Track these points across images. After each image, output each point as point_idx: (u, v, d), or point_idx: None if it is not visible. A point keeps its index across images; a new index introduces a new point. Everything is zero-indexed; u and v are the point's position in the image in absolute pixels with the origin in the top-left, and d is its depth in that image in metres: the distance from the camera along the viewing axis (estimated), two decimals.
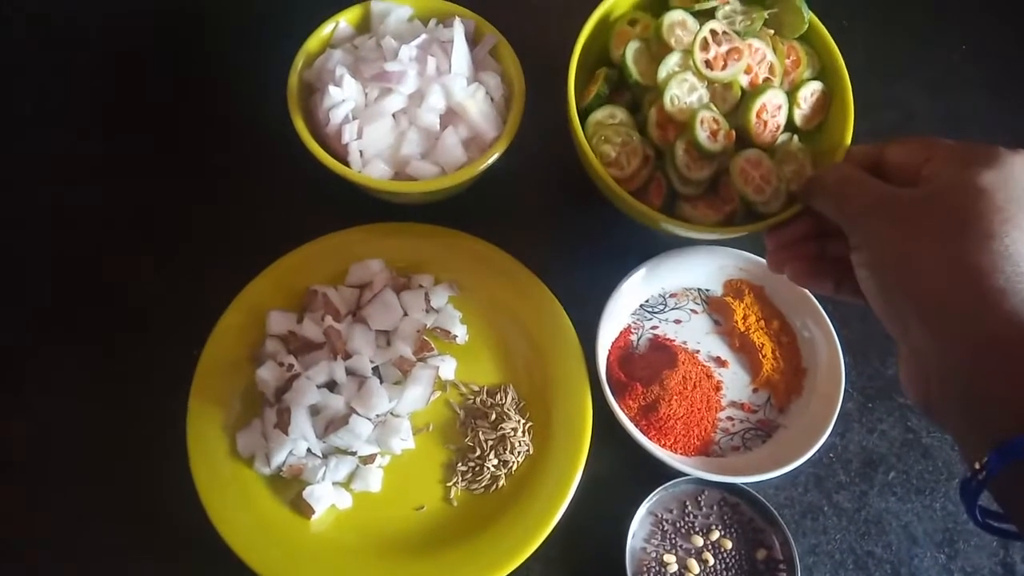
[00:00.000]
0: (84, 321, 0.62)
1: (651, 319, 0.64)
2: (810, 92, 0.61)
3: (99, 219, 0.66)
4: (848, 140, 0.59)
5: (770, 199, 0.55)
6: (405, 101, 0.59)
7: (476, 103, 0.59)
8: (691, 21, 0.59)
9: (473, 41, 0.63)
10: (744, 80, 0.58)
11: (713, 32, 0.57)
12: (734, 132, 0.57)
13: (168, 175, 0.68)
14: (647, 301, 0.65)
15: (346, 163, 0.59)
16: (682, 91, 0.57)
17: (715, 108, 0.57)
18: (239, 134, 0.69)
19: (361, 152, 0.59)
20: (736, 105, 0.58)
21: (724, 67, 0.57)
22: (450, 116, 0.60)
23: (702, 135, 0.55)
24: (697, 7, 0.60)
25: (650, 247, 0.62)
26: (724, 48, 0.57)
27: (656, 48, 0.59)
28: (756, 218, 0.56)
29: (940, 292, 0.34)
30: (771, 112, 0.57)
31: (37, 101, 0.71)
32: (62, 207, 0.66)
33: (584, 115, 0.60)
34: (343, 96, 0.58)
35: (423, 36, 0.60)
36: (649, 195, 0.58)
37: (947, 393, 0.35)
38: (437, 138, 0.60)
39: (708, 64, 0.57)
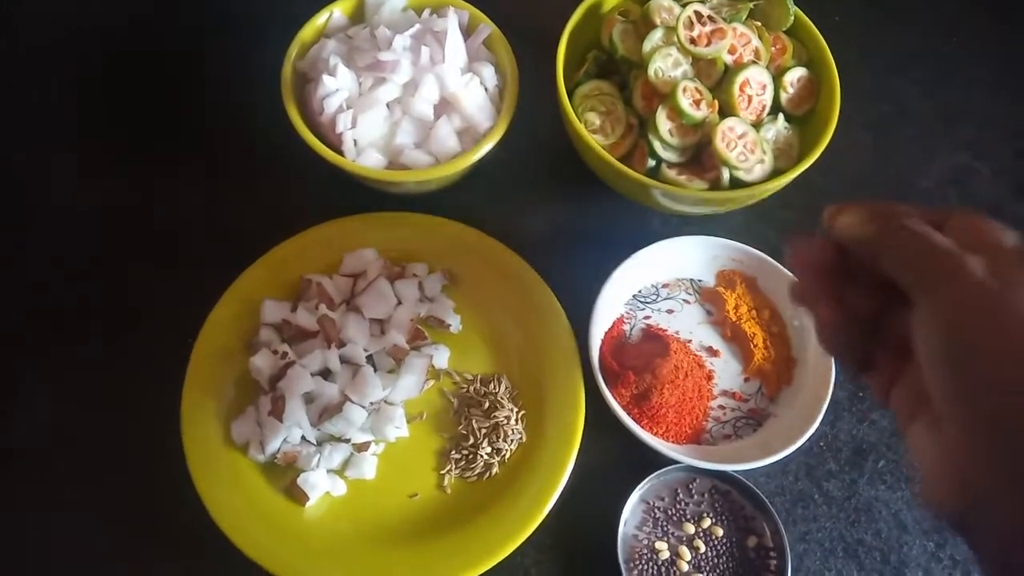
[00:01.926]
0: (79, 312, 0.62)
1: (644, 309, 0.64)
2: (796, 77, 0.62)
3: (92, 213, 0.66)
4: (833, 126, 0.60)
5: (753, 168, 0.57)
6: (399, 91, 0.60)
7: (470, 93, 0.59)
8: (677, 8, 0.60)
9: (467, 31, 0.63)
10: (728, 59, 0.59)
11: (698, 13, 0.58)
12: (717, 103, 0.58)
13: (161, 166, 0.68)
14: (640, 291, 0.65)
15: (340, 152, 0.59)
16: (666, 64, 0.58)
17: (698, 80, 0.58)
18: (232, 124, 0.70)
19: (355, 141, 0.59)
20: (720, 80, 0.59)
21: (708, 44, 0.58)
22: (444, 106, 0.60)
23: (684, 102, 0.56)
24: None
25: (643, 237, 0.63)
26: (708, 28, 0.58)
27: (643, 28, 0.61)
28: (739, 187, 0.58)
29: None
30: (755, 88, 0.58)
31: (34, 99, 0.71)
32: (53, 204, 0.66)
33: (574, 92, 0.61)
34: (337, 85, 0.59)
35: (417, 26, 0.61)
36: (633, 163, 0.59)
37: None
38: (431, 128, 0.60)
39: (692, 41, 0.58)
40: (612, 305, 0.63)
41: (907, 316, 0.31)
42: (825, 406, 0.58)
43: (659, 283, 0.65)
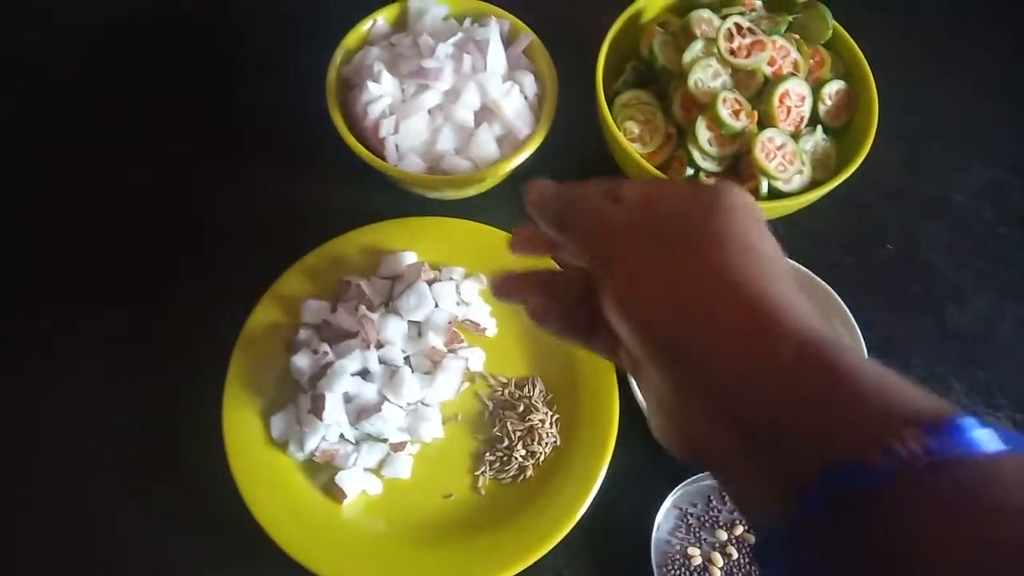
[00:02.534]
0: (120, 312, 0.63)
1: None
2: (834, 90, 0.62)
3: (129, 213, 0.67)
4: (871, 139, 0.60)
5: (791, 179, 0.57)
6: (441, 97, 0.61)
7: (511, 101, 0.60)
8: (717, 20, 0.61)
9: (507, 40, 0.65)
10: (768, 71, 0.60)
11: (738, 26, 0.59)
12: (756, 113, 0.58)
13: (203, 168, 0.69)
14: None
15: (382, 157, 0.60)
16: (706, 75, 0.58)
17: (738, 91, 0.59)
18: (275, 128, 0.71)
19: (397, 146, 0.60)
20: (759, 91, 0.60)
21: (748, 56, 0.59)
22: (484, 113, 0.61)
23: (724, 112, 0.57)
24: (724, 11, 0.61)
25: None
26: (748, 41, 0.59)
27: (682, 39, 0.61)
28: (777, 198, 0.58)
29: (723, 322, 0.30)
30: (794, 100, 0.58)
31: (79, 96, 0.73)
32: (91, 204, 0.68)
33: (613, 101, 0.62)
34: (381, 92, 0.60)
35: (459, 35, 0.62)
36: (671, 173, 0.60)
37: (736, 431, 0.28)
38: (471, 134, 0.61)
39: (732, 53, 0.59)
40: None
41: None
42: None
43: None
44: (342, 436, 0.57)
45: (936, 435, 0.24)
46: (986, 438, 0.24)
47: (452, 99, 0.61)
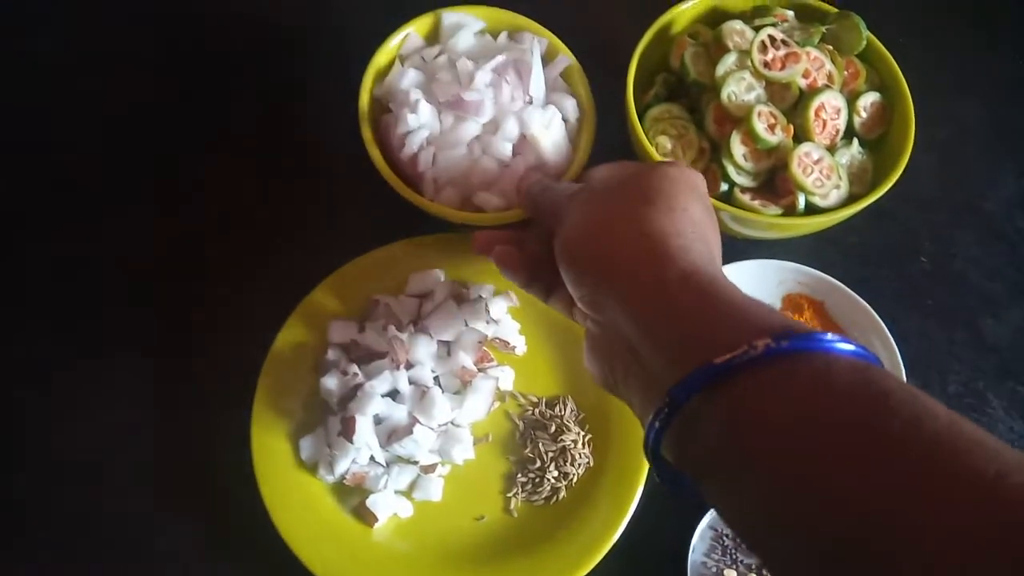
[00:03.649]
0: (148, 334, 0.62)
1: None
2: (869, 102, 0.61)
3: (159, 231, 0.67)
4: (908, 152, 0.59)
5: (829, 193, 0.56)
6: (480, 128, 0.59)
7: (550, 133, 0.58)
8: (749, 32, 0.60)
9: (544, 59, 0.63)
10: (802, 83, 0.59)
11: (771, 37, 0.58)
12: (792, 127, 0.57)
13: (230, 184, 0.69)
14: None
15: (416, 187, 0.59)
16: (739, 88, 0.57)
17: (773, 105, 0.58)
18: (298, 142, 0.70)
19: (435, 180, 0.59)
20: (794, 104, 0.59)
21: (782, 68, 0.58)
22: (521, 145, 0.60)
23: (760, 127, 0.56)
24: (756, 23, 0.60)
25: None
26: (782, 52, 0.58)
27: (714, 51, 0.60)
28: (814, 214, 0.57)
29: (633, 254, 0.37)
30: (830, 113, 0.57)
31: (106, 118, 0.73)
32: (121, 222, 0.67)
33: (643, 115, 0.61)
34: (419, 123, 0.58)
35: (499, 58, 0.60)
36: None
37: (634, 352, 0.36)
38: (507, 168, 0.60)
39: (766, 65, 0.57)
40: None
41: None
42: None
43: None
44: (372, 459, 0.57)
45: (783, 339, 0.30)
46: (828, 338, 0.30)
47: (491, 130, 0.59)
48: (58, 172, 0.69)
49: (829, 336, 0.30)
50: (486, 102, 0.57)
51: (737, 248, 0.67)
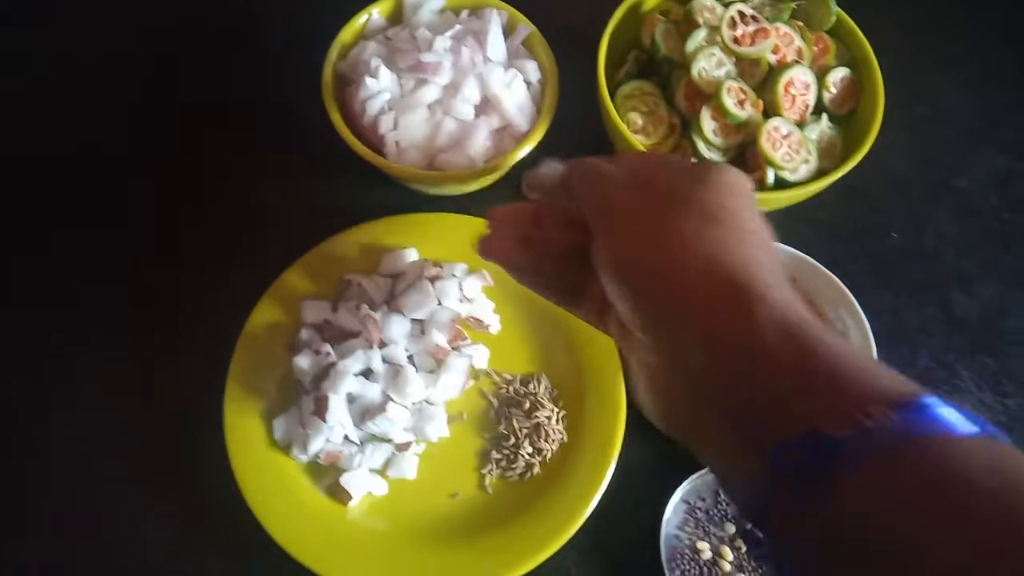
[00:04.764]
0: (118, 318, 0.62)
1: None
2: (839, 78, 0.61)
3: (128, 214, 0.66)
4: (877, 126, 0.59)
5: (798, 168, 0.56)
6: (440, 92, 0.60)
7: (512, 93, 0.59)
8: (719, 8, 0.60)
9: (505, 33, 0.63)
10: (772, 59, 0.59)
11: (741, 13, 0.58)
12: (761, 102, 0.58)
13: (198, 169, 0.68)
14: None
15: (381, 154, 0.59)
16: (709, 64, 0.58)
17: (742, 80, 0.58)
18: (269, 125, 0.70)
19: (397, 143, 0.59)
20: (764, 80, 0.59)
21: (752, 44, 0.58)
22: (484, 106, 0.60)
23: (729, 102, 0.56)
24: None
25: None
26: (751, 28, 0.58)
27: (685, 28, 0.60)
28: (783, 188, 0.57)
29: (711, 292, 0.31)
30: (799, 89, 0.58)
31: (66, 97, 0.72)
32: (90, 204, 0.67)
33: (615, 93, 0.61)
34: (379, 87, 0.59)
35: (457, 27, 0.61)
36: None
37: (713, 400, 0.31)
38: (471, 129, 0.60)
39: (736, 41, 0.58)
40: None
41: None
42: None
43: None
44: (346, 437, 0.57)
45: (902, 411, 0.25)
46: (953, 417, 0.26)
47: (452, 93, 0.60)
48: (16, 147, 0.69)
49: (950, 411, 0.26)
50: (445, 64, 0.58)
51: None
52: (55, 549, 0.55)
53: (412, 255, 0.62)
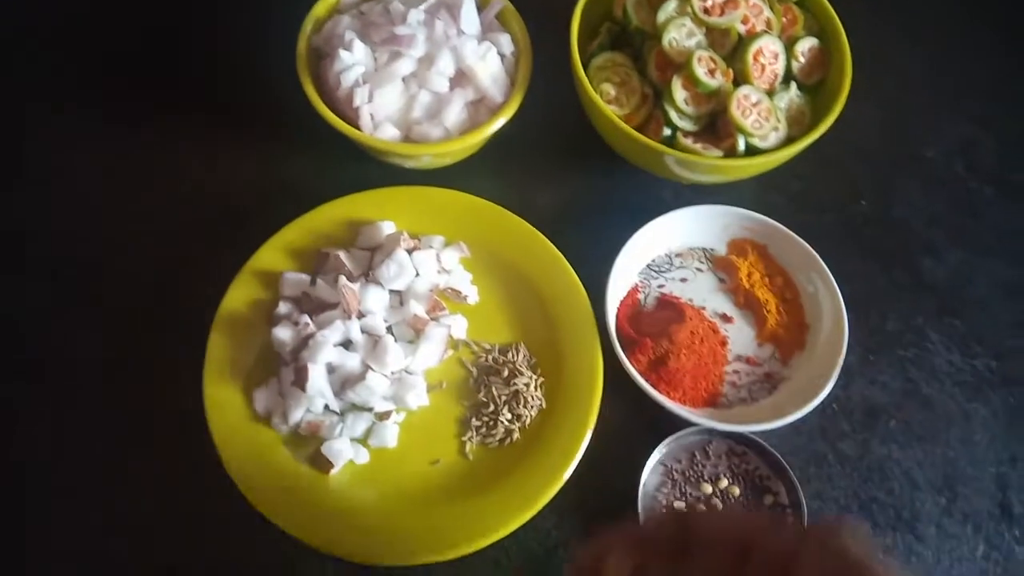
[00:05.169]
0: (94, 288, 0.62)
1: (658, 278, 0.65)
2: (807, 47, 0.63)
3: (104, 190, 0.66)
4: (845, 94, 0.60)
5: (768, 135, 0.57)
6: (415, 65, 0.60)
7: (487, 65, 0.60)
8: None
9: (479, 7, 0.64)
10: (741, 29, 0.60)
11: None
12: (731, 71, 0.58)
13: (171, 146, 0.68)
14: (653, 261, 0.66)
15: (357, 127, 0.59)
16: (680, 35, 0.59)
17: (713, 50, 0.59)
18: (245, 100, 0.70)
19: (372, 116, 0.60)
20: (733, 49, 0.60)
21: (721, 14, 0.59)
22: (459, 79, 0.61)
23: (700, 71, 0.57)
24: None
25: (655, 209, 0.64)
26: None
27: (656, 0, 0.61)
28: (754, 155, 0.58)
29: None
30: (768, 58, 0.59)
31: (34, 67, 0.72)
32: (61, 182, 0.66)
33: (588, 64, 0.62)
34: (353, 60, 0.59)
35: (430, 0, 0.61)
36: (649, 133, 0.60)
37: None
38: (446, 102, 0.61)
39: (706, 11, 0.59)
40: (626, 275, 0.64)
41: None
42: (838, 370, 0.59)
43: (672, 252, 0.66)
44: (327, 407, 0.57)
45: None
46: None
47: (426, 66, 0.60)
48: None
49: None
50: (418, 36, 0.58)
51: (683, 196, 0.68)
52: (27, 530, 0.55)
53: (389, 228, 0.62)
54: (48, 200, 0.66)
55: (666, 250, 0.66)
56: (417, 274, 0.61)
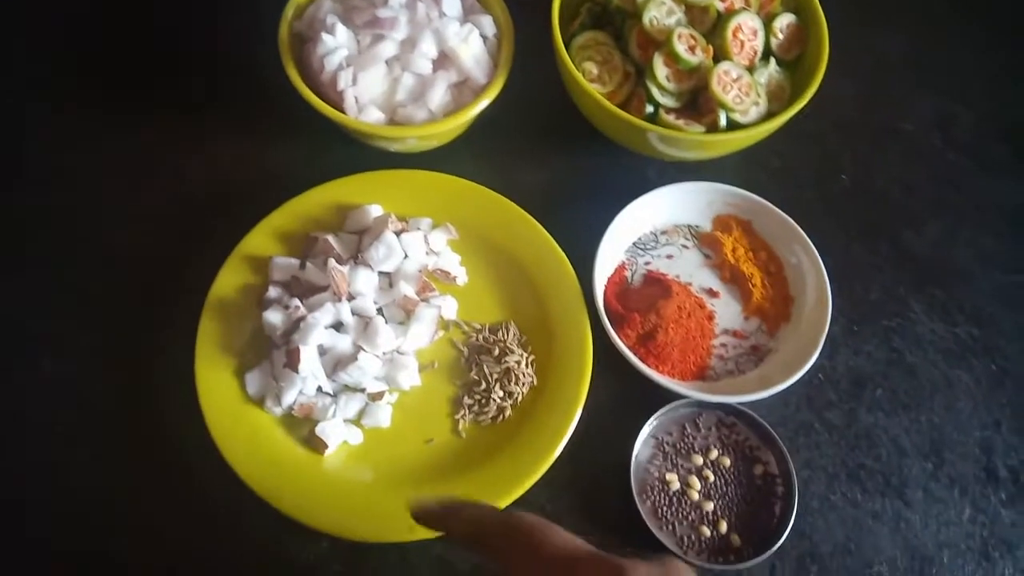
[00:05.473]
0: (86, 276, 0.62)
1: (644, 255, 0.66)
2: (785, 24, 0.63)
3: (91, 178, 0.66)
4: (823, 68, 0.61)
5: (748, 110, 0.58)
6: (397, 47, 0.60)
7: (469, 47, 0.60)
8: None
9: None
10: (720, 6, 0.61)
11: None
12: (711, 48, 0.59)
13: (157, 133, 0.68)
14: (639, 239, 0.66)
15: (341, 110, 0.60)
16: (660, 13, 0.59)
17: (692, 27, 0.60)
18: (230, 86, 0.70)
19: (356, 99, 0.60)
20: (713, 26, 0.61)
21: None
22: (442, 61, 0.61)
23: (680, 48, 0.58)
24: None
25: (639, 187, 0.64)
26: None
27: None
28: (735, 130, 0.59)
29: None
30: (747, 34, 0.60)
31: (35, 67, 0.71)
32: (52, 166, 0.66)
33: (570, 44, 0.62)
34: (336, 43, 0.59)
35: None
36: (631, 111, 0.61)
37: None
38: (429, 84, 0.61)
39: None
40: (613, 253, 0.64)
41: None
42: (823, 340, 0.60)
43: (657, 230, 0.67)
44: (320, 389, 0.58)
45: None
46: None
47: (409, 48, 0.60)
48: None
49: None
50: (400, 19, 0.59)
51: (667, 174, 0.69)
52: (21, 517, 0.55)
53: (377, 211, 0.63)
54: (48, 200, 0.65)
55: (652, 227, 0.67)
56: (406, 256, 0.61)
